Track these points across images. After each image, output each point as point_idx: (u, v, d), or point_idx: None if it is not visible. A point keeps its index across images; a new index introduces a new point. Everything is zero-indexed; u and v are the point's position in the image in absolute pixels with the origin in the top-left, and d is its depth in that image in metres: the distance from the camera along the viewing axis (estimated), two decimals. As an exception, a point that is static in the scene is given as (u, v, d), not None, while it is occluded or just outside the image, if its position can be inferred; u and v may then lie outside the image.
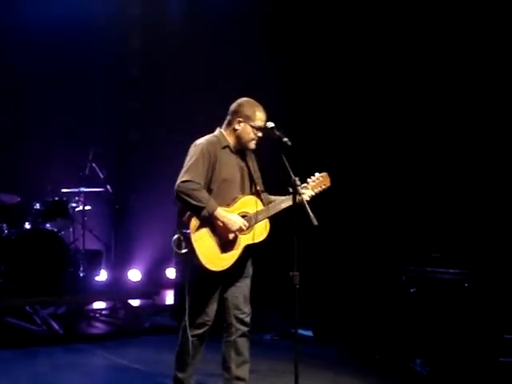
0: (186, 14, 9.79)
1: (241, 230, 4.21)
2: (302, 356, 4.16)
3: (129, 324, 7.60)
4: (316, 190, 4.46)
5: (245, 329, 4.43)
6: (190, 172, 4.16)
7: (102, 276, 8.97)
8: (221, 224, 4.16)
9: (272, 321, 7.45)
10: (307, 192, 4.37)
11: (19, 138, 9.00)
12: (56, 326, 7.11)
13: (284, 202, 4.34)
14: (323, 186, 4.51)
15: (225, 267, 4.21)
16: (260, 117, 4.32)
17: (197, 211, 4.11)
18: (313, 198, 4.41)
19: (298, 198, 4.12)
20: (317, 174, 4.52)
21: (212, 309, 4.36)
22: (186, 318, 4.30)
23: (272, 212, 4.35)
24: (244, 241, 4.28)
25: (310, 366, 5.56)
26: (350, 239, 8.24)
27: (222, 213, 4.15)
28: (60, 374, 5.59)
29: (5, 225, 7.87)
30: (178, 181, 4.16)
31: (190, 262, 4.24)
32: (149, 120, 9.79)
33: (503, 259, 6.21)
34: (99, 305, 8.22)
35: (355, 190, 8.31)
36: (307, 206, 4.05)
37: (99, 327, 7.52)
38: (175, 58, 9.51)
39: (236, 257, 4.25)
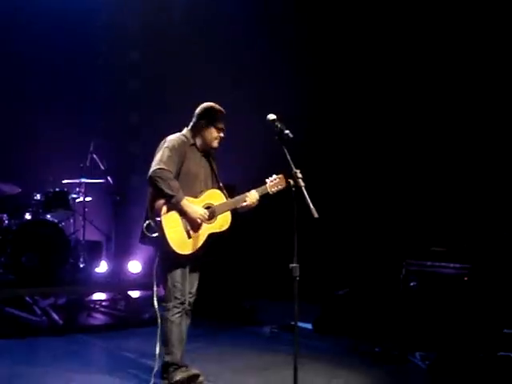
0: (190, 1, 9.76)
1: (202, 219, 4.66)
2: (300, 348, 4.17)
3: (129, 315, 7.61)
4: (273, 190, 4.87)
5: (188, 308, 4.92)
6: (165, 162, 4.61)
7: (102, 267, 8.99)
8: (186, 212, 4.61)
9: (271, 313, 7.47)
10: (253, 195, 4.82)
11: (20, 129, 8.98)
12: (56, 317, 7.10)
13: (247, 197, 4.81)
14: (279, 187, 4.88)
15: (190, 251, 4.67)
16: (222, 119, 4.86)
17: (167, 198, 4.55)
18: (265, 195, 4.85)
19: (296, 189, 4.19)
20: (274, 176, 4.90)
21: (186, 287, 4.80)
22: (166, 299, 4.77)
23: (234, 205, 4.82)
24: (208, 229, 4.74)
25: (310, 359, 5.58)
26: (351, 232, 8.24)
27: (186, 203, 4.62)
28: (60, 364, 5.59)
29: (5, 215, 7.89)
30: (154, 167, 4.59)
31: (160, 246, 4.68)
32: (150, 106, 9.79)
33: (503, 253, 6.21)
34: (99, 296, 8.23)
35: (357, 183, 8.32)
36: (308, 198, 4.05)
37: (99, 318, 7.52)
38: (177, 44, 9.46)
39: (200, 242, 4.72)
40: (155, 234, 4.61)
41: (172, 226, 4.59)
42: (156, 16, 9.75)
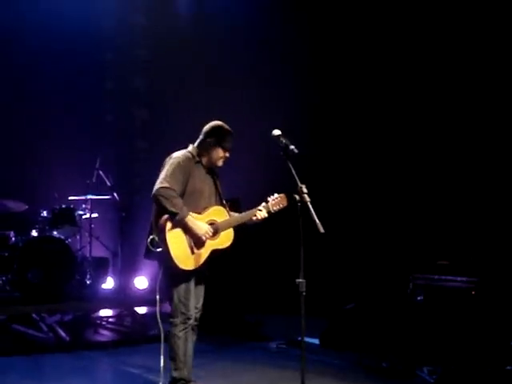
0: (194, 16, 9.82)
1: (206, 235, 4.70)
2: (307, 363, 4.16)
3: (135, 331, 7.60)
4: (275, 208, 4.91)
5: (194, 323, 4.94)
6: (169, 180, 4.67)
7: (109, 283, 8.99)
8: (190, 229, 4.65)
9: (277, 328, 7.45)
10: (263, 211, 4.85)
11: (26, 147, 9.03)
12: (62, 334, 7.11)
13: (249, 214, 4.87)
14: (281, 206, 4.93)
15: (194, 267, 4.72)
16: (230, 140, 4.88)
17: (171, 215, 4.60)
18: (270, 215, 4.88)
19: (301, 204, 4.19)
20: (276, 195, 4.94)
21: (192, 302, 4.81)
22: (173, 315, 4.79)
23: (237, 222, 4.87)
24: (211, 245, 4.78)
25: (317, 374, 5.56)
26: (357, 247, 8.24)
27: (191, 219, 4.67)
28: (66, 381, 5.60)
29: (12, 232, 7.92)
30: (158, 186, 4.65)
31: (164, 262, 4.73)
32: (155, 126, 9.84)
33: (510, 267, 6.19)
34: (106, 312, 8.22)
35: (363, 198, 8.33)
36: (313, 213, 4.06)
37: (106, 334, 7.51)
38: (183, 63, 9.53)
39: (203, 258, 4.77)
40: (159, 249, 4.67)
41: (176, 242, 4.64)
42: (163, 35, 9.82)
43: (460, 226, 7.35)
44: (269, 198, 4.94)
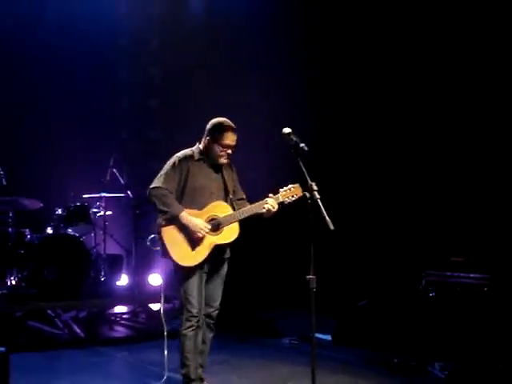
0: (208, 13, 9.85)
1: (201, 231, 4.71)
2: (320, 360, 4.19)
3: (149, 327, 7.66)
4: (287, 199, 4.82)
5: (211, 321, 5.00)
6: (160, 180, 4.81)
7: (123, 280, 9.05)
8: (185, 225, 4.72)
9: (290, 324, 7.47)
10: (271, 202, 4.78)
11: (41, 145, 9.11)
12: (78, 330, 7.19)
13: (253, 208, 4.82)
14: (295, 196, 4.82)
15: (195, 263, 4.75)
16: (228, 136, 4.84)
17: (162, 213, 4.74)
18: (282, 205, 4.83)
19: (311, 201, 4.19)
20: (289, 185, 4.85)
21: (196, 300, 4.82)
22: (180, 312, 4.86)
23: (241, 217, 4.81)
24: (213, 241, 4.78)
25: (328, 370, 5.59)
26: (370, 243, 8.24)
27: (185, 216, 4.72)
28: (81, 376, 5.67)
29: (27, 230, 8.01)
30: (150, 186, 4.83)
31: (170, 260, 4.79)
32: (169, 122, 9.88)
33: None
34: (120, 309, 8.28)
35: (375, 194, 8.32)
36: (323, 210, 4.07)
37: (120, 331, 7.57)
38: (196, 57, 9.56)
39: (205, 254, 4.77)
40: (157, 248, 4.80)
41: (172, 239, 4.73)
42: (175, 31, 9.85)
43: (473, 222, 7.34)
44: (280, 189, 4.87)
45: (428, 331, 6.15)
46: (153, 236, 4.85)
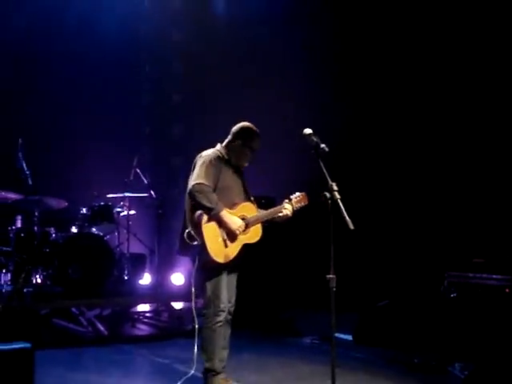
0: (229, 12, 9.92)
1: (240, 229, 4.86)
2: (340, 359, 4.22)
3: (172, 326, 7.74)
4: (297, 206, 5.12)
5: (229, 317, 5.07)
6: (203, 176, 4.83)
7: (146, 279, 9.14)
8: (225, 223, 4.81)
9: (311, 324, 7.49)
10: (288, 207, 5.06)
11: (66, 146, 9.24)
12: (101, 328, 7.29)
13: (273, 212, 5.05)
14: (302, 203, 5.15)
15: (227, 260, 4.86)
16: (257, 141, 5.05)
17: (207, 210, 4.76)
18: (294, 213, 5.08)
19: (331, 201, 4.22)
20: (297, 193, 5.15)
21: (224, 295, 4.93)
22: (206, 307, 4.92)
23: (264, 219, 5.03)
24: (243, 240, 4.94)
25: (349, 370, 5.59)
26: (392, 244, 8.23)
27: (226, 214, 4.83)
28: (105, 373, 5.75)
29: (53, 229, 8.11)
30: (193, 182, 4.82)
31: (199, 255, 4.85)
32: (192, 120, 9.96)
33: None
34: (143, 307, 8.38)
35: (397, 194, 8.31)
36: (343, 210, 4.11)
37: (143, 329, 7.66)
38: (219, 59, 9.63)
39: (236, 252, 4.92)
40: (195, 243, 4.80)
41: (211, 236, 4.80)
42: (199, 31, 9.94)
43: (495, 223, 7.31)
44: (291, 196, 5.12)
45: (449, 332, 6.15)
46: (189, 230, 4.84)
